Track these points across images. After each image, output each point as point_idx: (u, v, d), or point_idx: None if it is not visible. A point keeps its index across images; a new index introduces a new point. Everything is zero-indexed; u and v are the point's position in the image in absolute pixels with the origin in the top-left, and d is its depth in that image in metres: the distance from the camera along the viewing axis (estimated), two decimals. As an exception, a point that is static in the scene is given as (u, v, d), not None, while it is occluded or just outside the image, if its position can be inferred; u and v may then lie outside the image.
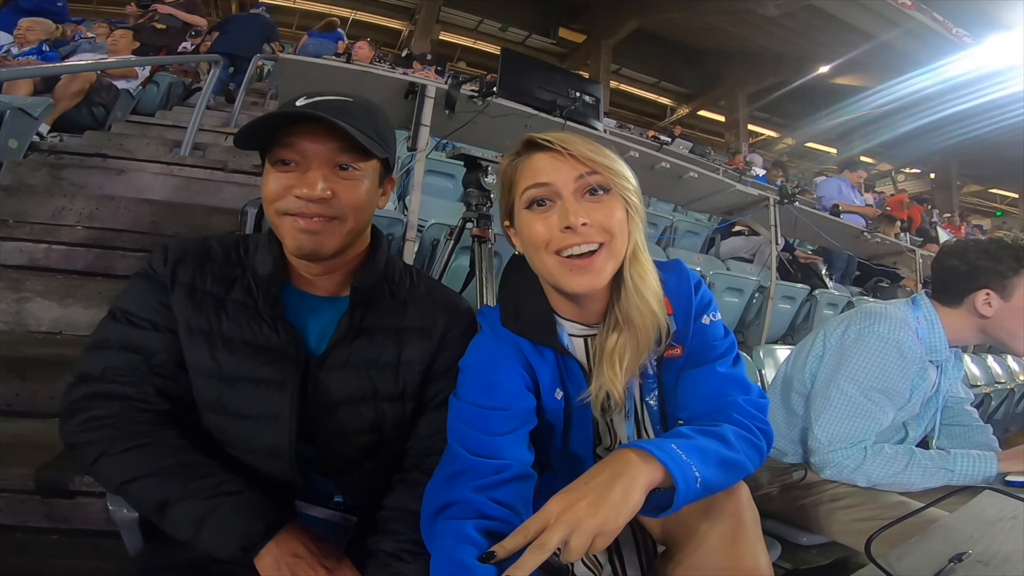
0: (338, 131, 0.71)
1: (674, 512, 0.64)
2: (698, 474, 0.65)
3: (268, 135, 0.74)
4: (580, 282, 0.75)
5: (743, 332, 3.64)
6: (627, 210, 0.78)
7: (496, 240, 1.90)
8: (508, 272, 0.89)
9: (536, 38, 14.11)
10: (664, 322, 0.80)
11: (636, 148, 2.76)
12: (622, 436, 0.89)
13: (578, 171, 0.75)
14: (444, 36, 14.14)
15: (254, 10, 6.10)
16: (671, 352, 0.84)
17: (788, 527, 1.32)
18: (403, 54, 8.43)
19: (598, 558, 0.85)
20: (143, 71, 4.36)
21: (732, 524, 0.73)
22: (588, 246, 0.75)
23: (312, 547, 0.72)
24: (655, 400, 0.86)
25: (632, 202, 0.78)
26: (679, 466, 0.64)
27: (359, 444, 0.83)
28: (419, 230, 2.33)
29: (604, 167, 0.76)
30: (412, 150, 2.30)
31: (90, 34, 4.96)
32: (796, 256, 4.35)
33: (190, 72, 5.63)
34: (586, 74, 11.60)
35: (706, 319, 0.85)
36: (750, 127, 15.12)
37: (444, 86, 2.29)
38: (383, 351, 0.83)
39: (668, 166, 2.89)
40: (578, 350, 0.86)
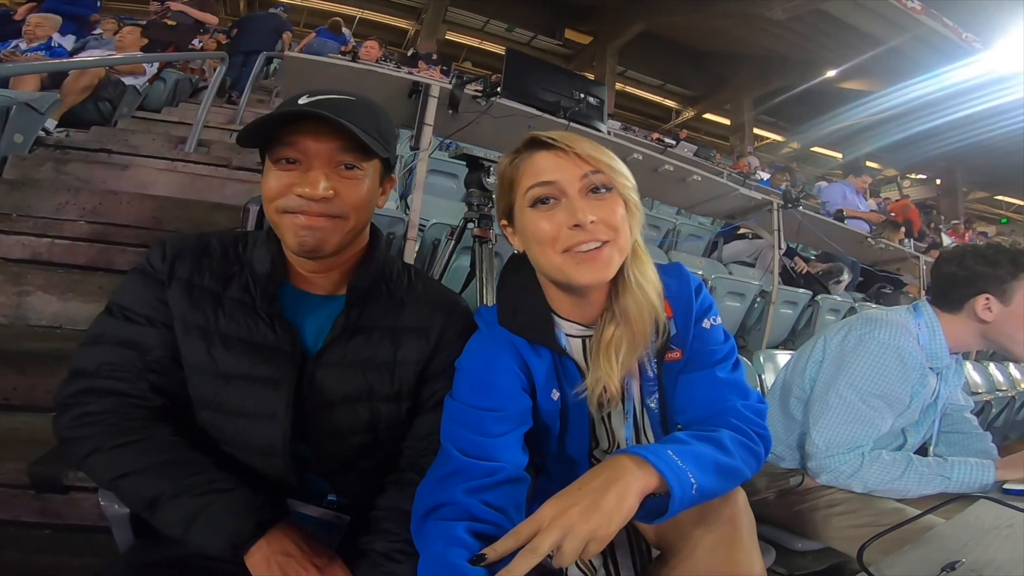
0: (341, 130, 0.71)
1: (669, 518, 0.64)
2: (694, 480, 0.65)
3: (270, 133, 0.73)
4: (588, 274, 0.75)
5: (744, 337, 3.62)
6: (628, 207, 0.78)
7: (497, 240, 1.89)
8: (506, 272, 0.89)
9: (542, 39, 14.13)
10: (662, 316, 0.81)
11: (640, 150, 2.76)
12: (620, 438, 0.89)
13: (583, 170, 0.75)
14: (450, 36, 14.18)
15: (272, 10, 6.25)
16: (671, 355, 0.83)
17: (783, 533, 1.31)
18: (409, 53, 8.44)
19: (592, 562, 0.84)
20: (151, 68, 4.37)
21: (727, 530, 0.73)
22: (595, 243, 0.75)
23: (303, 546, 0.72)
24: (656, 403, 0.85)
25: (632, 199, 0.78)
26: (674, 472, 0.64)
27: (354, 443, 0.82)
28: (420, 229, 2.33)
29: (607, 166, 0.76)
30: (415, 149, 2.30)
31: (98, 30, 4.99)
32: (797, 264, 4.32)
33: (196, 70, 5.66)
34: (591, 76, 11.59)
35: (706, 323, 0.85)
36: (755, 130, 15.09)
37: (448, 86, 2.29)
38: (379, 350, 0.83)
39: (672, 169, 2.88)
40: (575, 350, 0.85)
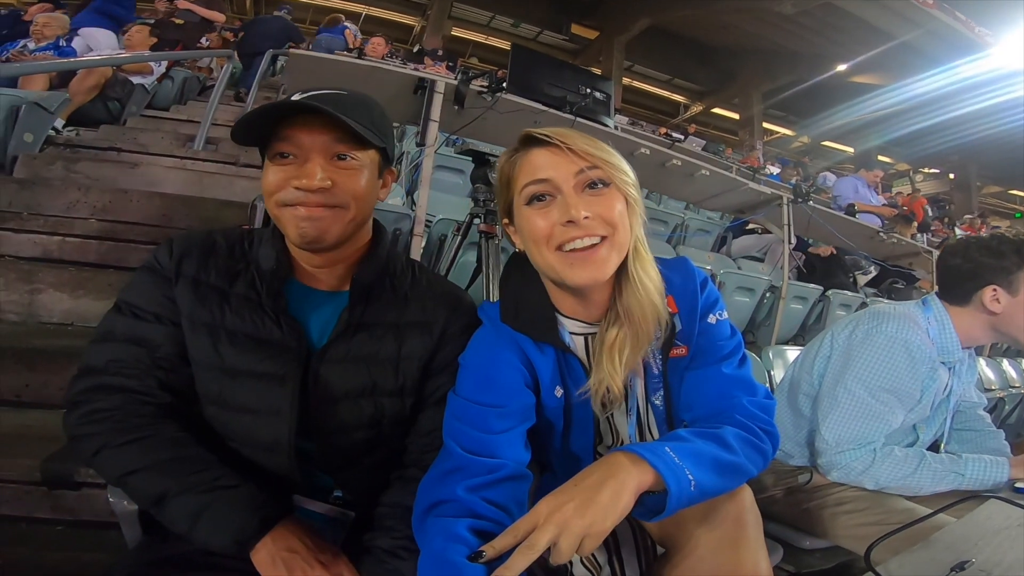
0: (334, 122, 0.72)
1: (669, 515, 0.64)
2: (692, 477, 0.64)
3: (266, 131, 0.74)
4: (583, 275, 0.74)
5: (753, 332, 3.59)
6: (627, 203, 0.77)
7: (503, 236, 1.88)
8: (508, 270, 0.89)
9: (548, 34, 14.05)
10: (664, 315, 0.80)
11: (647, 145, 2.73)
12: (624, 435, 0.88)
13: (578, 166, 0.74)
14: (456, 32, 14.13)
15: (277, 12, 6.39)
16: (676, 352, 0.82)
17: (791, 530, 1.31)
18: (414, 50, 8.43)
19: (597, 559, 0.84)
20: (159, 67, 4.40)
21: (733, 528, 0.72)
22: (591, 239, 0.74)
23: (308, 542, 0.72)
24: (661, 400, 0.85)
25: (632, 195, 0.77)
26: (671, 469, 0.63)
27: (358, 439, 0.82)
28: (427, 225, 2.33)
29: (603, 161, 0.75)
30: (421, 145, 2.30)
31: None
32: (812, 252, 4.27)
33: (204, 68, 5.69)
34: (598, 71, 11.53)
35: (712, 318, 0.84)
36: (765, 125, 14.94)
37: (453, 82, 2.29)
38: (383, 346, 0.83)
39: (679, 163, 2.86)
40: (579, 348, 0.84)
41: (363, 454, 0.83)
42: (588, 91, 2.51)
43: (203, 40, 5.51)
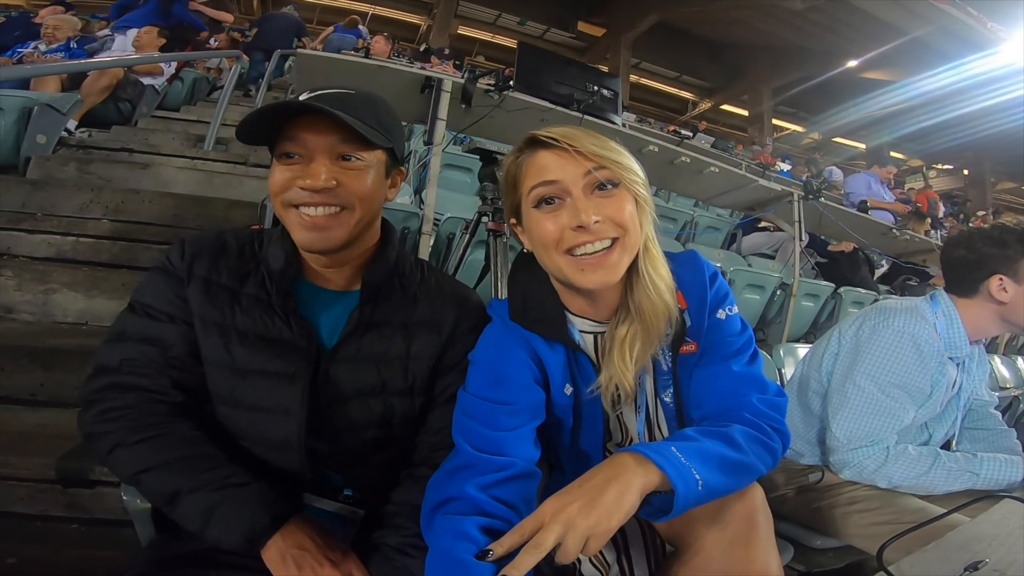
0: (339, 122, 0.72)
1: (677, 515, 0.63)
2: (699, 477, 0.64)
3: (273, 130, 0.75)
4: (593, 279, 0.73)
5: (764, 330, 3.56)
6: (637, 203, 0.76)
7: (511, 234, 1.88)
8: (516, 268, 0.88)
9: (555, 32, 14.01)
10: (675, 312, 0.79)
11: (655, 143, 2.72)
12: (633, 433, 0.88)
13: (585, 167, 0.73)
14: (462, 30, 14.14)
15: (285, 9, 6.60)
16: (686, 348, 0.81)
17: (801, 529, 1.29)
18: (421, 49, 8.45)
19: (606, 557, 0.83)
20: (168, 67, 4.43)
21: (743, 526, 0.71)
22: (601, 243, 0.73)
23: (318, 540, 0.73)
24: (671, 397, 0.84)
25: (641, 194, 0.76)
26: (677, 469, 0.63)
27: (368, 438, 0.83)
28: (435, 224, 2.33)
29: (612, 161, 0.74)
30: (429, 144, 2.30)
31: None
32: (833, 250, 4.21)
33: (214, 68, 5.74)
34: (605, 68, 11.45)
35: (721, 313, 0.83)
36: (775, 121, 14.81)
37: (460, 80, 2.28)
38: (392, 345, 0.83)
39: (688, 160, 2.84)
40: (588, 347, 0.84)
41: (373, 453, 0.84)
42: (595, 89, 2.50)
43: (212, 41, 5.55)
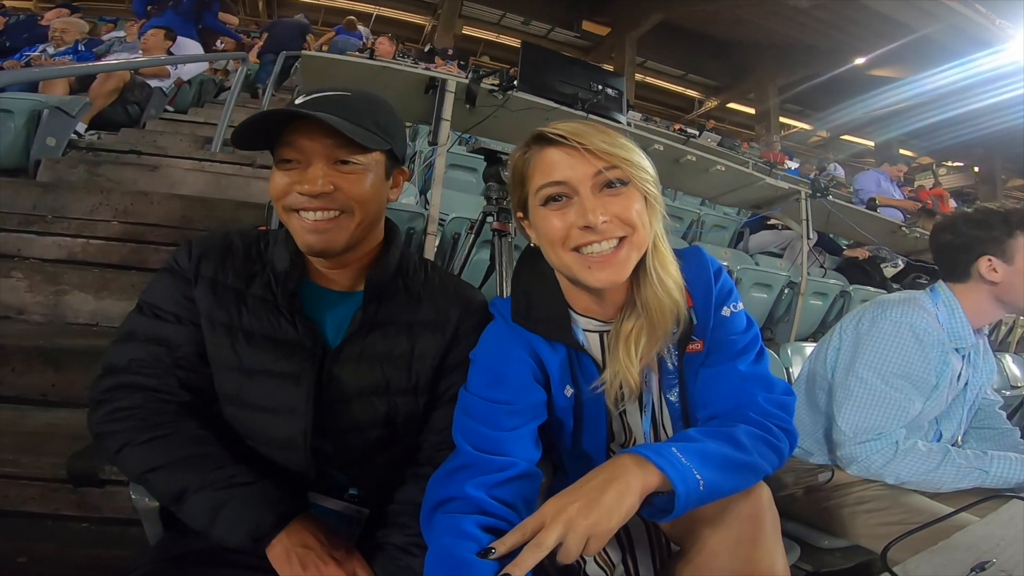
0: (334, 127, 0.71)
1: (678, 516, 0.64)
2: (700, 477, 0.64)
3: (272, 136, 0.75)
4: (601, 277, 0.73)
5: (771, 329, 3.54)
6: (646, 201, 0.75)
7: (516, 234, 1.88)
8: (520, 266, 0.88)
9: (559, 31, 13.98)
10: (683, 310, 0.78)
11: (661, 141, 2.71)
12: (638, 433, 0.87)
13: (596, 167, 0.72)
14: (467, 31, 14.14)
15: (296, 17, 7.02)
16: (692, 347, 0.81)
17: (809, 529, 1.29)
18: (425, 49, 8.47)
19: (611, 557, 0.83)
20: (175, 70, 4.46)
21: (749, 526, 0.71)
22: (608, 243, 0.72)
23: (322, 538, 0.73)
24: (676, 397, 0.83)
25: (651, 192, 0.75)
26: (677, 470, 0.63)
27: (372, 437, 0.83)
28: (440, 224, 2.33)
29: (622, 159, 0.72)
30: (433, 144, 2.30)
31: (122, 33, 5.10)
32: (848, 255, 4.19)
33: (220, 71, 5.78)
34: (610, 67, 11.44)
35: (726, 310, 0.82)
36: (781, 119, 14.69)
37: (464, 80, 2.28)
38: (396, 344, 0.83)
39: (694, 159, 2.82)
40: (593, 346, 0.83)
41: (377, 452, 0.84)
42: (600, 88, 2.49)
43: (218, 43, 5.59)
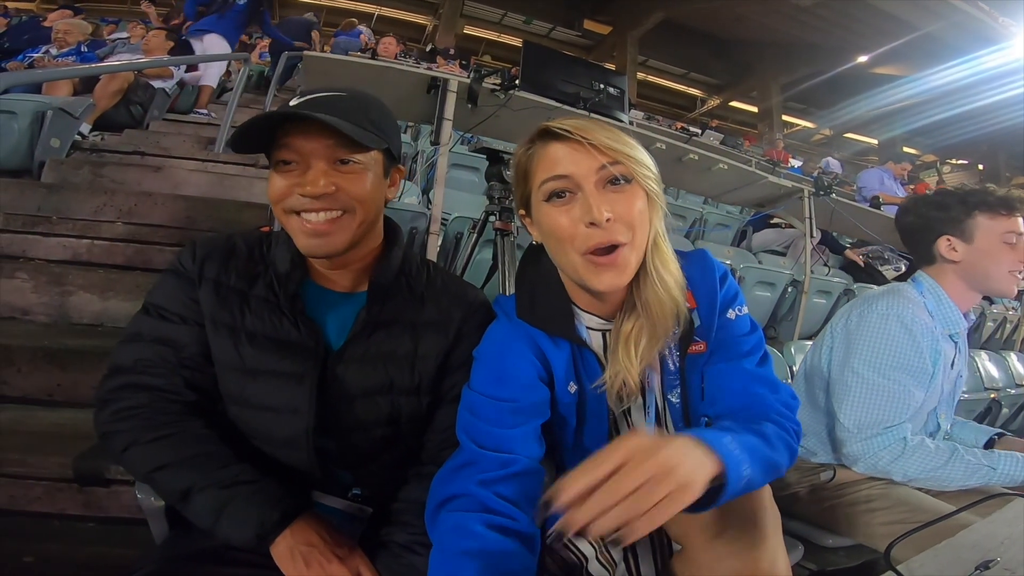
0: (331, 127, 0.71)
1: (710, 508, 0.61)
2: (747, 472, 0.62)
3: (268, 139, 0.75)
4: (606, 280, 0.73)
5: (775, 327, 3.53)
6: (648, 198, 0.75)
7: (519, 233, 1.89)
8: (524, 263, 0.87)
9: (561, 30, 13.95)
10: (684, 309, 0.78)
11: (663, 140, 2.70)
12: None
13: (599, 161, 0.71)
14: (468, 30, 14.12)
15: (306, 15, 7.09)
16: (695, 348, 0.81)
17: (812, 528, 1.29)
18: (427, 49, 8.47)
19: (612, 555, 0.83)
20: (178, 70, 4.48)
21: (751, 526, 0.71)
22: (612, 244, 0.72)
23: (326, 536, 0.74)
24: (678, 398, 0.84)
25: (653, 189, 0.75)
26: (733, 460, 0.60)
27: (376, 436, 0.83)
28: (443, 223, 2.34)
29: (626, 156, 0.72)
30: (435, 144, 2.30)
31: (124, 34, 5.12)
32: (849, 256, 4.19)
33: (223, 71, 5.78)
34: (612, 66, 11.41)
35: (731, 313, 0.82)
36: (784, 117, 14.63)
37: (466, 80, 2.28)
38: (400, 344, 0.84)
39: (696, 158, 2.82)
40: (595, 343, 0.83)
41: (381, 451, 0.84)
42: (601, 87, 2.49)
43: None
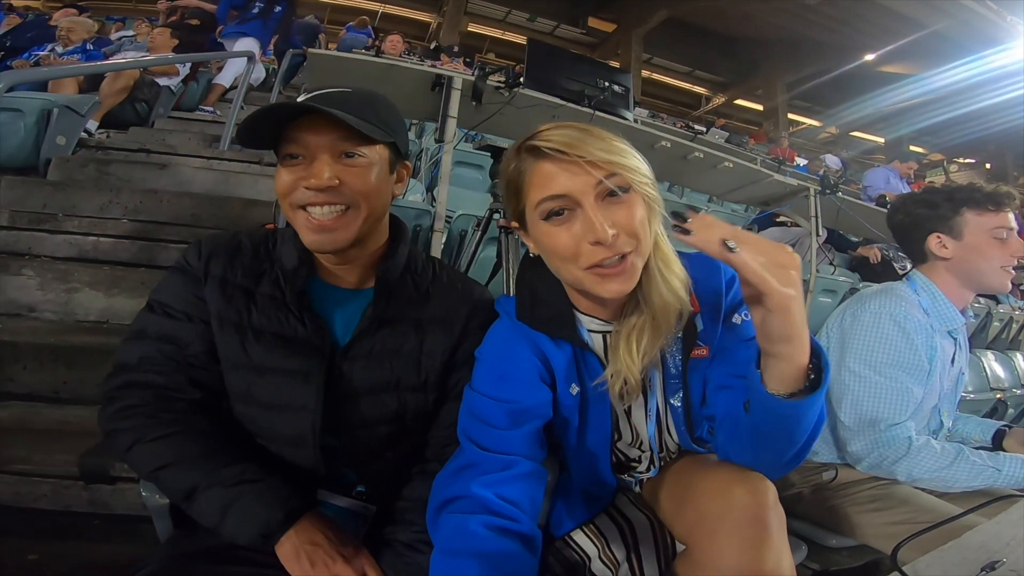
0: (338, 121, 0.72)
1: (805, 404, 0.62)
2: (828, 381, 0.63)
3: (275, 134, 0.75)
4: (613, 288, 0.72)
5: (779, 327, 3.50)
6: (647, 205, 0.73)
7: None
8: (524, 267, 0.87)
9: (565, 28, 13.92)
10: (687, 307, 0.77)
11: (668, 138, 2.69)
12: (643, 433, 0.87)
13: (596, 177, 0.69)
14: (472, 28, 14.10)
15: (308, 17, 7.13)
16: (697, 352, 0.80)
17: (816, 528, 1.28)
18: (431, 46, 8.48)
19: (616, 555, 0.83)
20: (184, 68, 4.48)
21: (755, 525, 0.70)
22: (618, 256, 0.71)
23: (330, 535, 0.74)
24: (679, 401, 0.83)
25: (650, 195, 0.73)
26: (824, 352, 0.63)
27: (381, 434, 0.83)
28: (447, 221, 2.33)
29: (621, 167, 0.70)
30: (440, 142, 2.30)
31: (131, 32, 5.13)
32: (861, 254, 4.16)
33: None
34: (616, 64, 11.39)
35: (737, 318, 0.81)
36: (790, 116, 14.57)
37: (470, 78, 2.28)
38: (406, 341, 0.84)
39: (701, 156, 2.81)
40: (596, 345, 0.83)
41: (386, 448, 0.85)
42: (606, 84, 2.47)
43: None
